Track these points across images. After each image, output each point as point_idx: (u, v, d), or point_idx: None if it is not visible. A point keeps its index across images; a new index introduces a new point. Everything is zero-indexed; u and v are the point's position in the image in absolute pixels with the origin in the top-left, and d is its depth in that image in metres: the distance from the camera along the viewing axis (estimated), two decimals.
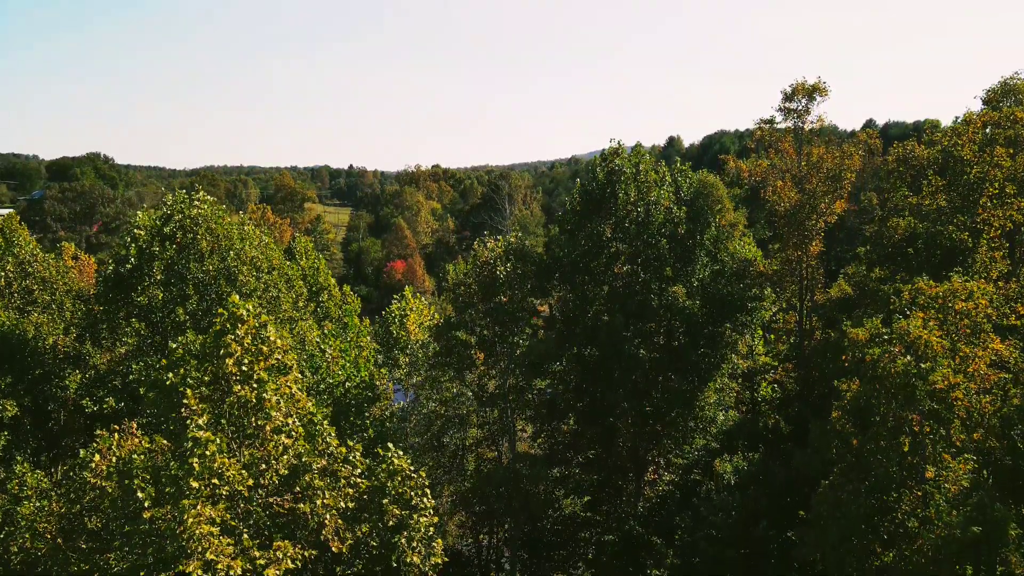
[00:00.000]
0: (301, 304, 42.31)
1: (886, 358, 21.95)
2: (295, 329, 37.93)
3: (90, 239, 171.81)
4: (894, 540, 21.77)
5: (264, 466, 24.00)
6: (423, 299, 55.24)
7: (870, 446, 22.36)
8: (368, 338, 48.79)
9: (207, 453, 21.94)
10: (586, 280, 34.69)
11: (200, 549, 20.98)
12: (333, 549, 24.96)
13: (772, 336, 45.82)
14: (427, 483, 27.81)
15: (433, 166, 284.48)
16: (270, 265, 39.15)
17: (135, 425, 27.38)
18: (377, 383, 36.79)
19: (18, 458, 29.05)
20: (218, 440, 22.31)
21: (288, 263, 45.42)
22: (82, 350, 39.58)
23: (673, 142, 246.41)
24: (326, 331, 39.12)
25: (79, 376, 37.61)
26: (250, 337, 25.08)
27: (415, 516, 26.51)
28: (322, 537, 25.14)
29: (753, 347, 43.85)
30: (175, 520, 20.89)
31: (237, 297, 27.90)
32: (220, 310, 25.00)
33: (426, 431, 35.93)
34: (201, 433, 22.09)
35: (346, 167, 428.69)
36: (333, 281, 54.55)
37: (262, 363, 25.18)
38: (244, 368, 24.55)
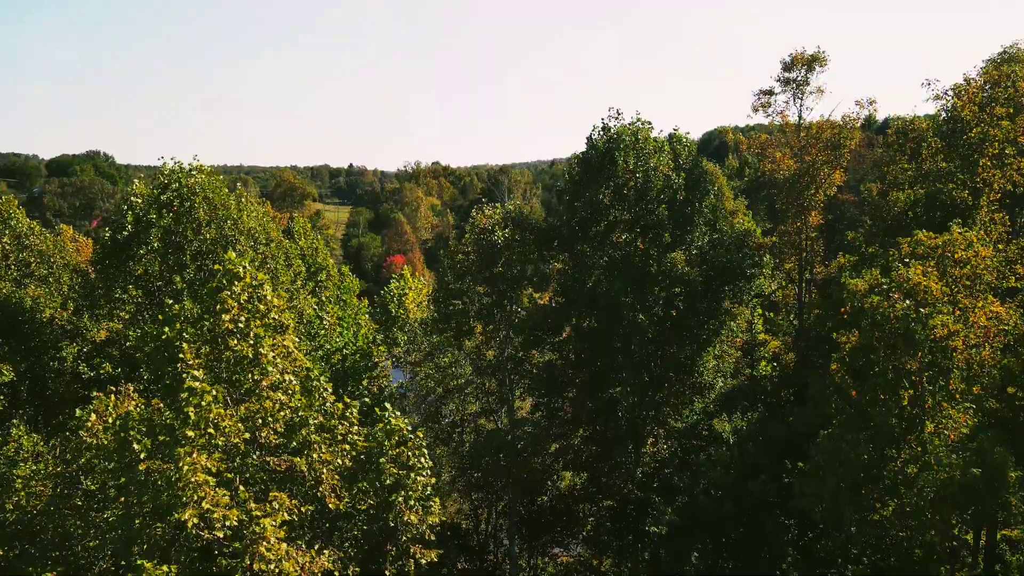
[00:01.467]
0: (299, 284, 42.18)
1: (885, 304, 21.79)
2: (294, 301, 37.80)
3: (90, 234, 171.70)
4: (894, 488, 21.62)
5: (260, 421, 23.85)
6: (422, 279, 55.03)
7: (869, 397, 22.21)
8: (367, 316, 48.65)
9: (203, 403, 21.81)
10: (585, 248, 34.56)
11: (196, 498, 20.81)
12: (330, 506, 24.84)
13: (772, 314, 45.71)
14: (424, 443, 27.72)
15: (433, 163, 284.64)
16: (268, 237, 39.04)
17: (132, 388, 27.23)
18: (375, 356, 36.68)
19: (15, 422, 28.88)
20: (214, 391, 22.17)
21: (287, 242, 45.35)
22: (80, 324, 39.48)
23: (673, 136, 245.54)
24: (324, 298, 39.00)
25: (75, 348, 37.49)
26: (246, 294, 24.97)
27: (412, 475, 26.40)
28: (319, 493, 25.03)
29: (753, 323, 43.74)
30: (170, 468, 20.73)
31: (234, 254, 27.80)
32: (216, 266, 24.87)
33: (423, 401, 35.83)
34: (197, 384, 21.96)
35: (346, 166, 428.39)
36: (332, 261, 54.38)
37: (258, 321, 25.05)
38: (240, 325, 24.42)
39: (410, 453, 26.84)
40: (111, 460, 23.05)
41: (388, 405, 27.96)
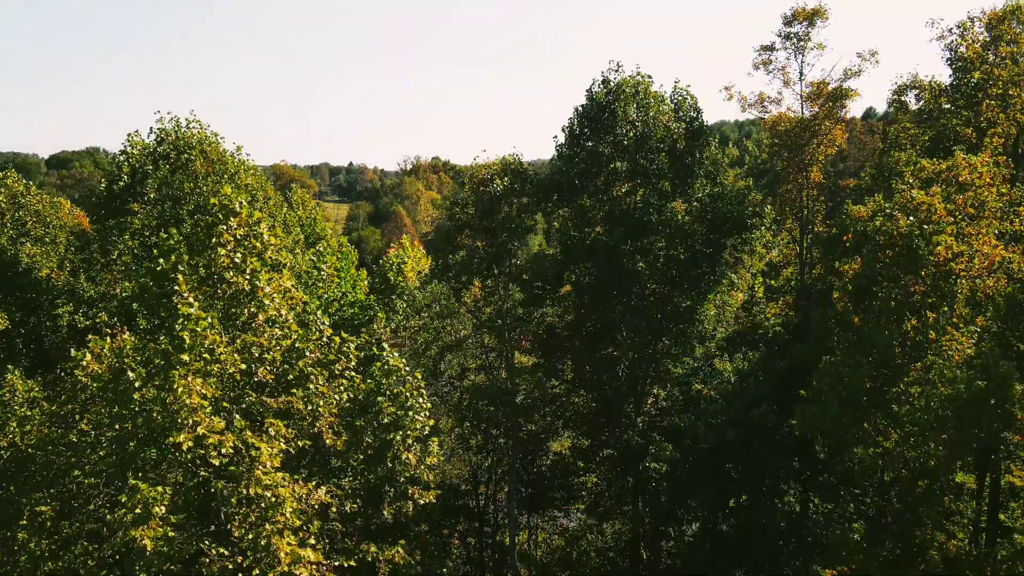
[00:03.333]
0: (298, 251, 41.96)
1: (889, 224, 21.56)
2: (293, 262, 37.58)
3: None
4: (896, 416, 21.37)
5: (257, 354, 23.58)
6: (420, 248, 54.79)
7: (871, 325, 21.98)
8: (365, 283, 48.38)
9: (197, 329, 21.55)
10: (585, 201, 34.32)
11: (191, 422, 20.56)
12: (327, 442, 24.59)
13: (773, 281, 45.40)
14: (422, 384, 27.52)
15: (433, 158, 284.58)
16: (266, 195, 38.85)
17: (127, 331, 26.97)
18: (372, 309, 36.45)
19: (9, 367, 28.64)
20: (209, 319, 21.92)
21: (286, 209, 45.12)
22: (76, 285, 39.24)
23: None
24: (321, 249, 38.80)
25: (70, 308, 37.28)
26: (243, 230, 24.72)
27: (410, 415, 26.19)
28: (316, 429, 24.79)
29: (754, 289, 43.42)
30: (165, 390, 20.48)
31: (229, 189, 27.54)
32: (212, 200, 24.62)
33: (422, 355, 35.63)
34: (192, 310, 21.70)
35: (346, 164, 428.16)
36: (330, 231, 54.13)
37: (255, 258, 24.80)
38: (237, 260, 24.16)
39: (408, 394, 26.67)
40: (106, 391, 22.80)
41: (386, 345, 27.75)
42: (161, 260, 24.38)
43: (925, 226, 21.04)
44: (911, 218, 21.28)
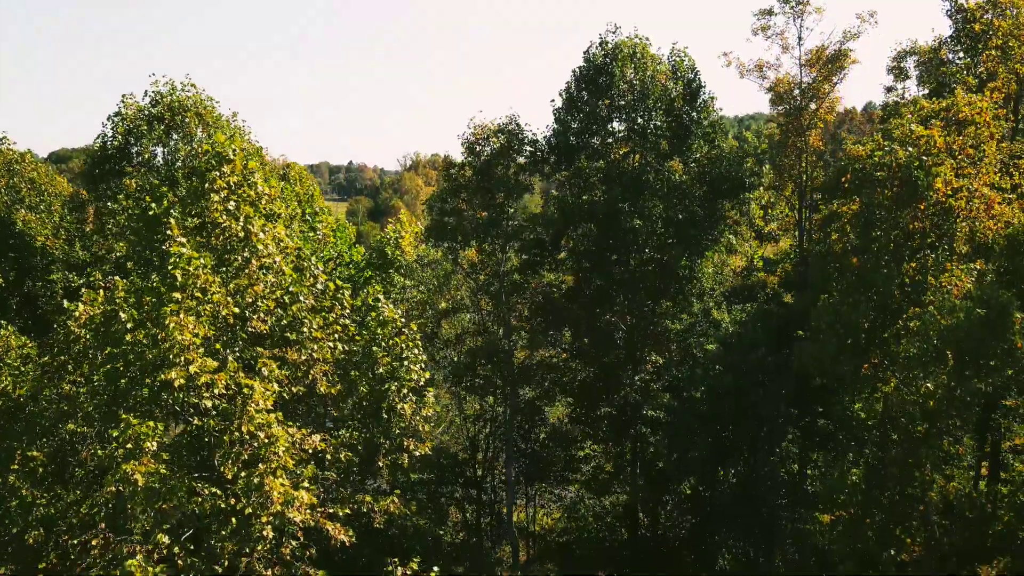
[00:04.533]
0: (296, 226, 41.74)
1: (888, 157, 21.36)
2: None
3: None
4: (896, 353, 21.16)
5: (250, 298, 23.35)
6: (418, 223, 54.61)
7: (871, 264, 21.78)
8: (361, 250, 48.21)
9: (189, 268, 21.33)
10: (582, 162, 34.15)
11: (183, 360, 20.33)
12: (321, 389, 24.37)
13: (773, 256, 45.21)
14: (418, 335, 27.31)
15: (433, 155, 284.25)
16: (262, 161, 38.64)
17: (120, 283, 26.71)
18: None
19: (2, 322, 28.45)
20: (202, 259, 21.70)
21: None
22: (71, 253, 39.05)
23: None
24: (317, 207, 38.58)
25: (63, 275, 37.10)
26: (236, 177, 24.49)
27: (406, 364, 25.96)
28: (311, 376, 24.57)
29: (753, 259, 43.28)
30: (156, 326, 20.25)
31: (223, 136, 27.33)
32: (205, 146, 24.40)
33: (420, 317, 35.42)
34: (184, 249, 21.49)
35: (345, 164, 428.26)
36: (328, 206, 53.89)
37: (249, 207, 24.57)
38: (230, 208, 23.94)
39: (403, 345, 26.45)
40: (97, 333, 22.60)
41: (381, 297, 27.51)
42: (153, 205, 24.20)
43: (924, 158, 20.84)
44: (910, 149, 21.10)
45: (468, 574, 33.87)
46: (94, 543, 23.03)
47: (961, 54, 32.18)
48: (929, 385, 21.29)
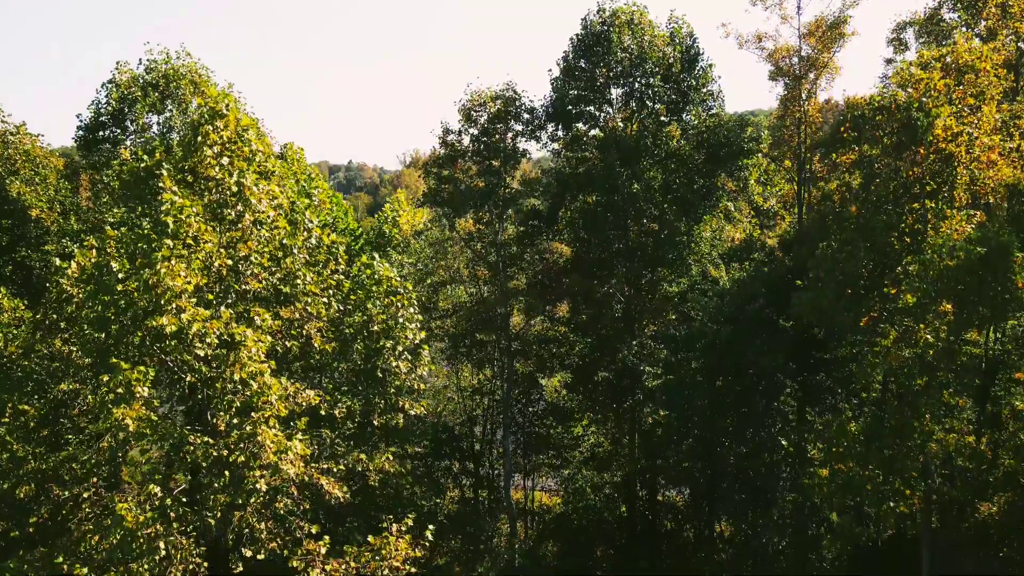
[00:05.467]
0: (290, 185, 41.46)
1: (888, 98, 21.14)
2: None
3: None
4: (896, 299, 20.91)
5: (244, 252, 23.14)
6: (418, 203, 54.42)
7: (870, 211, 21.55)
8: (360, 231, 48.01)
9: (181, 216, 21.12)
10: (579, 128, 33.96)
11: (174, 308, 20.11)
12: (316, 344, 24.17)
13: (772, 232, 44.97)
14: (414, 294, 27.14)
15: (432, 152, 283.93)
16: (259, 133, 38.36)
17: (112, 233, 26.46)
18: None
19: None
20: (195, 207, 21.49)
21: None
22: (66, 226, 38.79)
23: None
24: (312, 174, 38.32)
25: (58, 243, 36.84)
26: (230, 132, 24.28)
27: (401, 323, 25.76)
28: (305, 331, 24.37)
29: (750, 231, 42.97)
30: (148, 271, 20.01)
31: (216, 90, 27.12)
32: (199, 100, 24.20)
33: (418, 285, 35.31)
34: (176, 198, 21.27)
35: (345, 163, 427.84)
36: (326, 185, 53.65)
37: (243, 161, 24.36)
38: (224, 162, 23.72)
39: (399, 304, 26.24)
40: (89, 283, 22.40)
41: (376, 255, 27.32)
42: (145, 157, 24.00)
43: (924, 99, 20.62)
44: (909, 90, 20.87)
45: (465, 546, 33.62)
46: (86, 496, 22.88)
47: (961, 13, 31.91)
48: (928, 336, 21.07)
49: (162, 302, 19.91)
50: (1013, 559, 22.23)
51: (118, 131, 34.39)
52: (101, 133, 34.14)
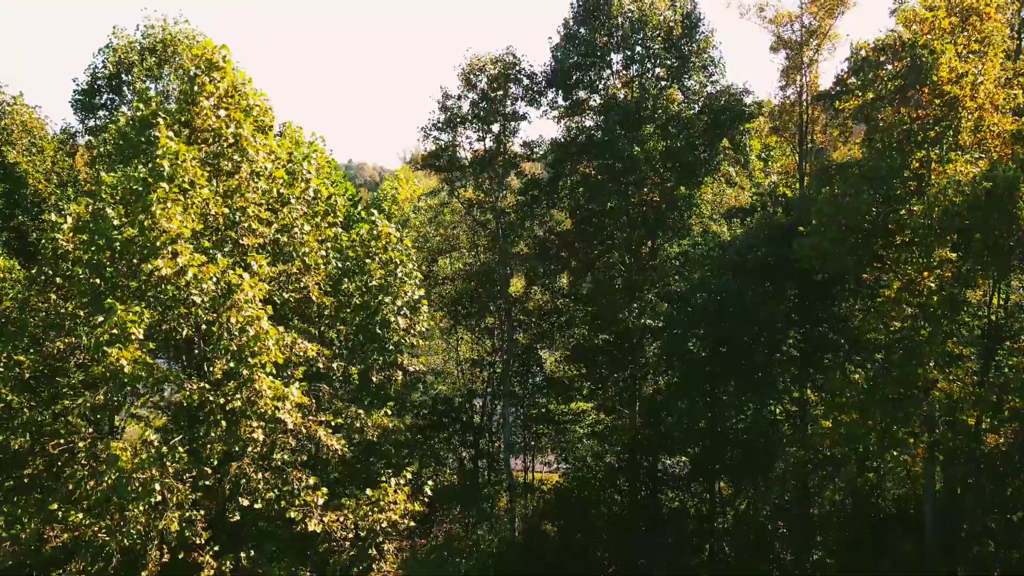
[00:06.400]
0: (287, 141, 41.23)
1: (892, 36, 20.92)
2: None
3: None
4: (900, 239, 20.69)
5: (242, 202, 22.91)
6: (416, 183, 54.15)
7: (874, 155, 21.31)
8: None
9: (177, 160, 20.89)
10: (580, 93, 33.72)
11: (169, 252, 19.88)
12: (314, 297, 23.95)
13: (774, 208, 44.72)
14: (413, 250, 26.95)
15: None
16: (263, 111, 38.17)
17: (107, 179, 26.17)
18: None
19: None
20: (190, 153, 21.26)
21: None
22: (62, 197, 38.56)
23: None
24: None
25: (56, 208, 36.60)
26: (227, 84, 24.04)
27: (399, 279, 25.57)
28: (303, 284, 24.15)
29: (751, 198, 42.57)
30: (143, 215, 19.78)
31: (213, 42, 26.91)
32: (195, 51, 23.97)
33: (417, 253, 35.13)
34: (172, 143, 21.04)
35: (345, 162, 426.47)
36: (324, 150, 53.35)
37: (240, 113, 24.12)
38: (221, 114, 23.49)
39: (398, 260, 26.04)
40: (84, 229, 22.19)
41: (375, 211, 27.11)
42: (141, 106, 23.76)
43: (929, 35, 20.37)
44: (915, 27, 20.64)
45: (465, 512, 33.43)
46: (81, 445, 22.66)
47: None
48: (931, 284, 20.85)
49: (157, 244, 19.70)
50: (1018, 495, 21.85)
51: (115, 98, 34.16)
52: (98, 99, 33.91)
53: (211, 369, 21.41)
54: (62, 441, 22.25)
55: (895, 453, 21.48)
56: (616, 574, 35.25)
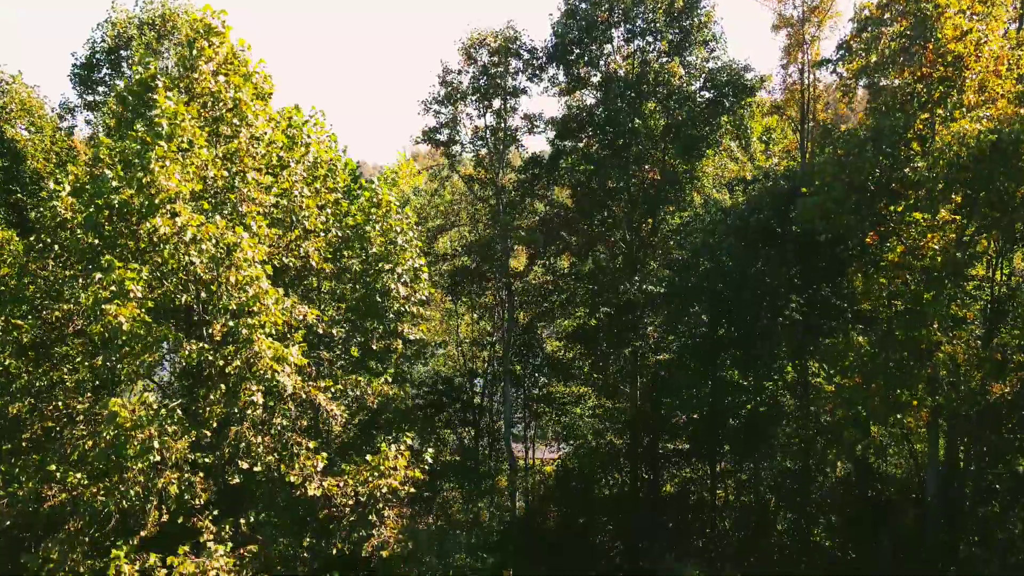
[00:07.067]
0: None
1: None
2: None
3: None
4: (904, 188, 20.56)
5: (240, 164, 22.77)
6: (416, 166, 54.04)
7: (878, 113, 21.18)
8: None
9: (176, 120, 20.75)
10: (581, 65, 33.59)
11: (168, 211, 19.73)
12: (314, 262, 23.82)
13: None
14: (414, 219, 26.85)
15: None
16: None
17: (105, 140, 26.01)
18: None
19: None
20: (189, 114, 21.13)
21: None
22: (61, 175, 38.42)
23: None
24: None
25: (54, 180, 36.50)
26: (226, 48, 23.90)
27: (399, 246, 25.46)
28: (303, 250, 24.03)
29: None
30: (141, 172, 19.64)
31: (211, 6, 26.75)
32: (192, 16, 23.84)
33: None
34: (170, 104, 20.91)
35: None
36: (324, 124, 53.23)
37: (240, 77, 23.98)
38: (221, 79, 23.35)
39: (398, 229, 25.92)
40: (82, 192, 22.05)
41: (375, 178, 27.00)
42: (139, 68, 23.60)
43: None
44: None
45: (465, 485, 33.28)
46: (78, 408, 22.52)
47: None
48: (935, 246, 20.72)
49: (156, 202, 19.56)
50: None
51: (114, 73, 34.04)
52: (96, 74, 33.79)
53: (210, 332, 21.26)
54: (60, 405, 22.12)
55: (898, 416, 21.31)
56: (617, 554, 35.16)
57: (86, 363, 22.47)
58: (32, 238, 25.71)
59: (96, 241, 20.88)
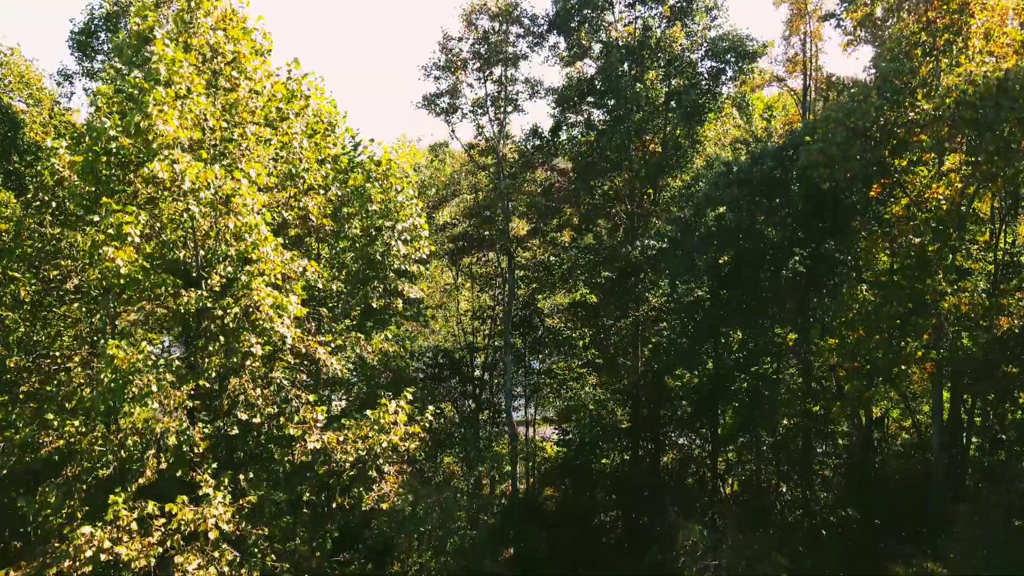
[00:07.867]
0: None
1: None
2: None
3: None
4: (909, 134, 20.35)
5: (238, 117, 22.57)
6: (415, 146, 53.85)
7: (882, 64, 20.99)
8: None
9: (174, 67, 20.54)
10: (582, 34, 33.37)
11: (167, 154, 19.53)
12: (313, 215, 23.64)
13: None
14: (415, 177, 26.66)
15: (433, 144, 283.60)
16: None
17: (103, 89, 25.79)
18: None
19: None
20: (187, 61, 20.92)
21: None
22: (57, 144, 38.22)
23: None
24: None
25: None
26: (226, 3, 23.71)
27: (401, 200, 25.27)
28: (302, 205, 23.84)
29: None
30: (139, 116, 19.43)
31: None
32: None
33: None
34: (168, 52, 20.70)
35: None
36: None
37: (239, 32, 23.78)
38: (219, 34, 23.15)
39: (397, 187, 25.75)
40: (80, 141, 21.86)
41: (373, 138, 26.84)
42: (137, 20, 23.40)
43: None
44: None
45: (466, 451, 33.06)
46: (75, 360, 22.35)
47: None
48: (939, 195, 20.53)
49: (154, 147, 19.37)
50: None
51: (111, 25, 33.74)
52: (95, 42, 33.55)
53: (209, 284, 21.08)
54: (58, 356, 21.95)
55: (903, 368, 21.11)
56: (618, 530, 34.98)
57: (84, 318, 22.33)
58: (30, 195, 25.58)
59: (94, 188, 20.69)
